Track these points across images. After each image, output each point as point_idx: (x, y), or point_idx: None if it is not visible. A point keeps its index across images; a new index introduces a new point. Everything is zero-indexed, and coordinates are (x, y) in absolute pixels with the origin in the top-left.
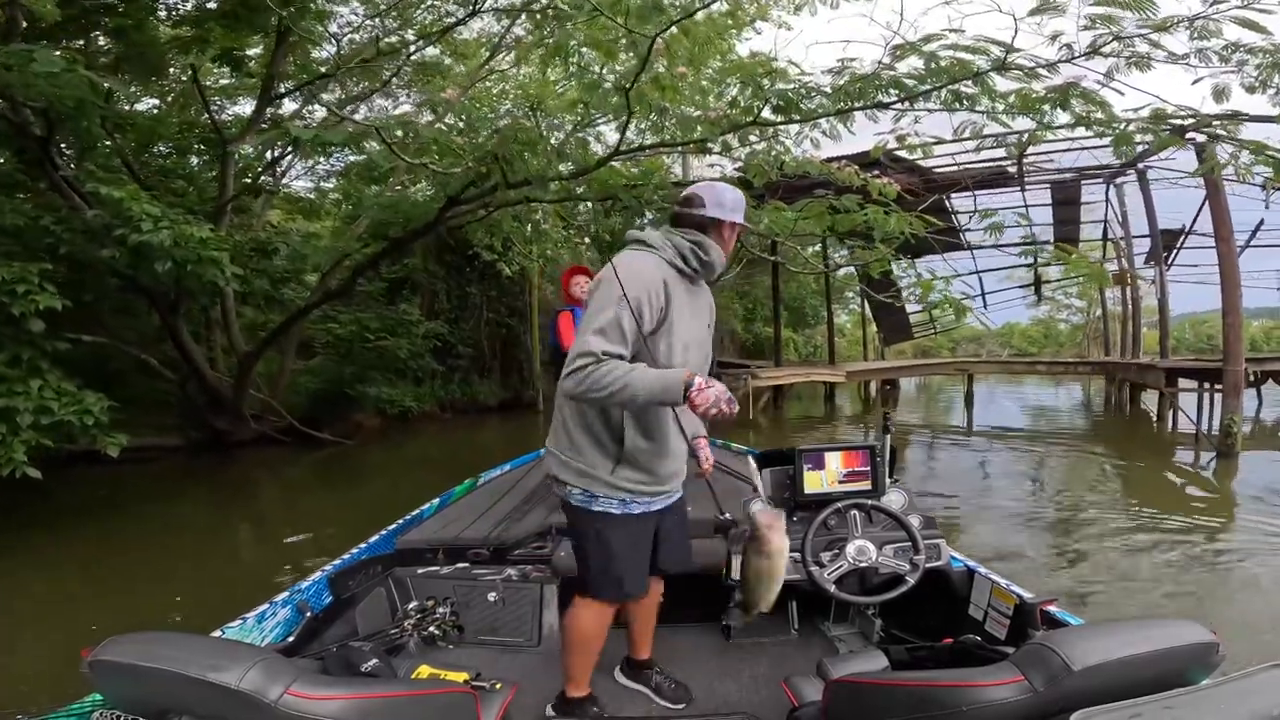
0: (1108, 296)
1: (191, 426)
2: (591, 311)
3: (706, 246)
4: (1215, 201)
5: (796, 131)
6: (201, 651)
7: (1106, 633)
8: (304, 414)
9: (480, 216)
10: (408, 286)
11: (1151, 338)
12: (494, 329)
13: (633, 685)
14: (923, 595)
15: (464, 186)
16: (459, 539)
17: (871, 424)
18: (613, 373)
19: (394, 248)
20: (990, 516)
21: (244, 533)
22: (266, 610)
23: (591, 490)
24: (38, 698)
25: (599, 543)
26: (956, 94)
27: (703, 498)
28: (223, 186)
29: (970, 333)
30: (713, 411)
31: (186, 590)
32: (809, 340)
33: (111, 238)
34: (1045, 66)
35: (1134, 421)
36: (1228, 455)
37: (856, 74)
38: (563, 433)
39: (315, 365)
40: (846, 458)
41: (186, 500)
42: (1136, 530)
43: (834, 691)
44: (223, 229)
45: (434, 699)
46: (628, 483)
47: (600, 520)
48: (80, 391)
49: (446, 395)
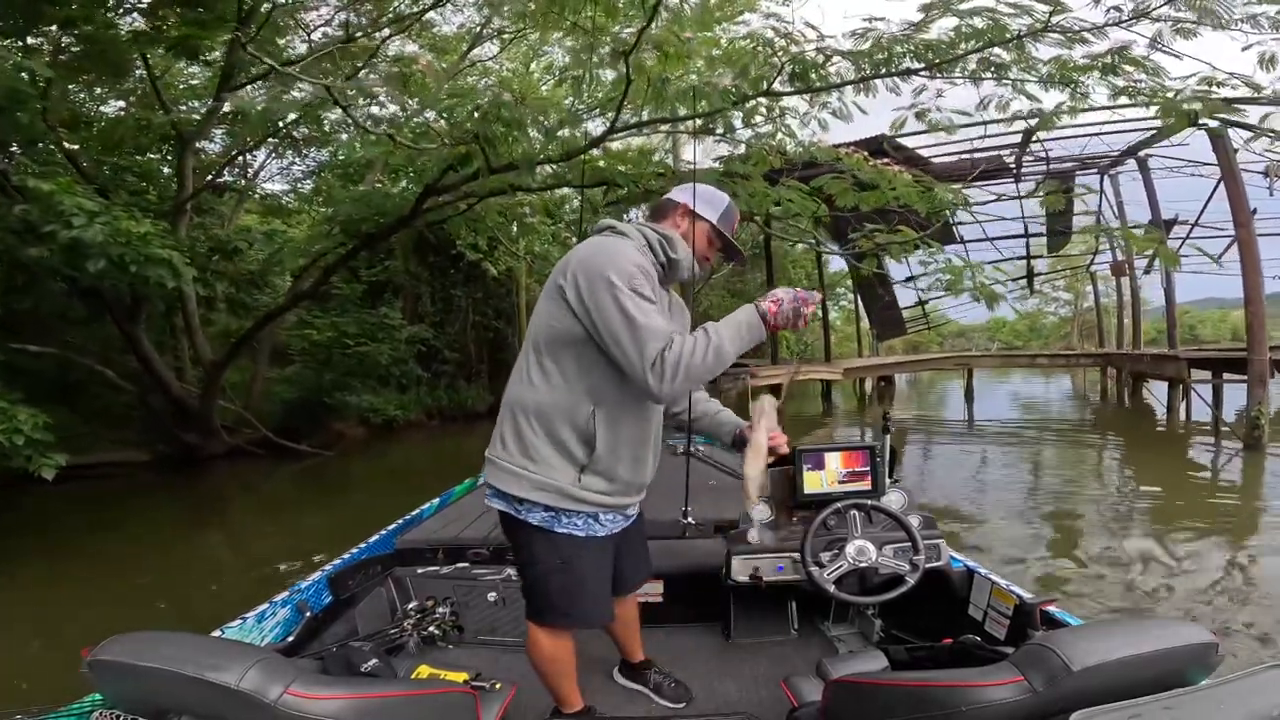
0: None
1: (159, 440)
2: (623, 316)
3: (674, 243)
4: (1233, 187)
5: (805, 112)
6: (201, 651)
7: (1106, 633)
8: (280, 425)
9: (462, 210)
10: (389, 290)
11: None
12: (480, 332)
13: (632, 686)
14: (922, 595)
15: (442, 171)
16: (459, 539)
17: (869, 421)
18: (697, 345)
19: (367, 244)
20: (1013, 518)
21: (210, 552)
22: (266, 610)
23: (555, 507)
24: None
25: (564, 572)
26: (987, 62)
27: (703, 498)
28: (181, 183)
29: (956, 328)
30: (799, 321)
31: (138, 620)
32: (800, 337)
33: (41, 235)
34: (1092, 30)
35: (1138, 414)
36: (1255, 448)
37: (882, 37)
38: (513, 441)
39: (292, 373)
40: (846, 458)
41: (144, 520)
42: (1168, 528)
43: (834, 691)
44: (182, 229)
45: (434, 699)
46: (593, 494)
47: (566, 546)
48: (12, 407)
49: (433, 402)
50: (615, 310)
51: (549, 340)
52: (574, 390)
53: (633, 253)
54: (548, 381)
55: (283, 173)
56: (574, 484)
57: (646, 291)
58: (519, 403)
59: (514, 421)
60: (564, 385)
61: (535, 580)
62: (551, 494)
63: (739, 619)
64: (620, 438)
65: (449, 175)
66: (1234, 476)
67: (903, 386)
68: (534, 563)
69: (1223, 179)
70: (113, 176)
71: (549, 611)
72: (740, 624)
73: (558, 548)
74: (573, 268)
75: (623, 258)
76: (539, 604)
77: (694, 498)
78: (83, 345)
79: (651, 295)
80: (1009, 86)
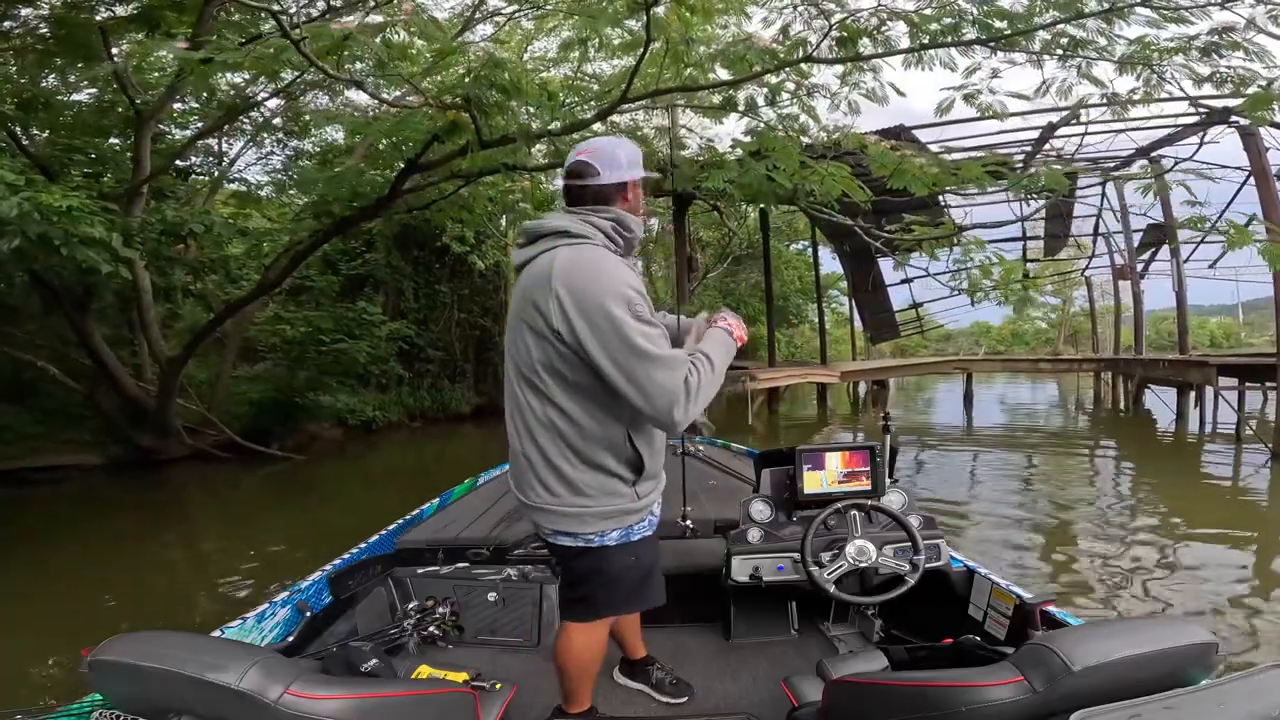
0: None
1: (113, 442)
2: (631, 348)
3: (624, 220)
4: (1265, 188)
5: (835, 91)
6: (201, 651)
7: (1106, 633)
8: (248, 426)
9: (448, 193)
10: (370, 284)
11: (1125, 334)
12: (466, 330)
13: (632, 684)
14: (922, 595)
15: (426, 143)
16: (459, 539)
17: (863, 425)
18: (703, 371)
19: (340, 229)
20: (1027, 528)
21: (156, 567)
22: (266, 610)
23: (625, 525)
24: None
25: (635, 568)
26: (1057, 40)
27: (703, 498)
28: (138, 165)
29: (943, 332)
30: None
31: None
32: (790, 340)
33: None
34: (1194, 8)
35: (1142, 421)
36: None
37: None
38: (560, 485)
39: (261, 371)
40: (846, 458)
41: (81, 529)
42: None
43: (833, 691)
44: (137, 212)
45: (434, 699)
46: (648, 495)
47: (636, 548)
48: None
49: (415, 403)
50: (620, 343)
51: (554, 373)
52: (604, 422)
53: (620, 270)
54: (571, 421)
55: (260, 162)
56: (633, 500)
57: (647, 313)
58: (550, 448)
59: (551, 468)
60: (590, 420)
61: (606, 585)
62: (618, 517)
63: (739, 619)
64: (654, 445)
65: (433, 148)
66: (1259, 484)
67: (892, 390)
68: (605, 571)
69: (1254, 179)
70: (60, 155)
71: (611, 605)
72: (740, 624)
73: (629, 553)
74: (559, 301)
75: (615, 280)
76: (603, 600)
77: (693, 498)
78: (30, 340)
79: (651, 315)
80: (1074, 70)
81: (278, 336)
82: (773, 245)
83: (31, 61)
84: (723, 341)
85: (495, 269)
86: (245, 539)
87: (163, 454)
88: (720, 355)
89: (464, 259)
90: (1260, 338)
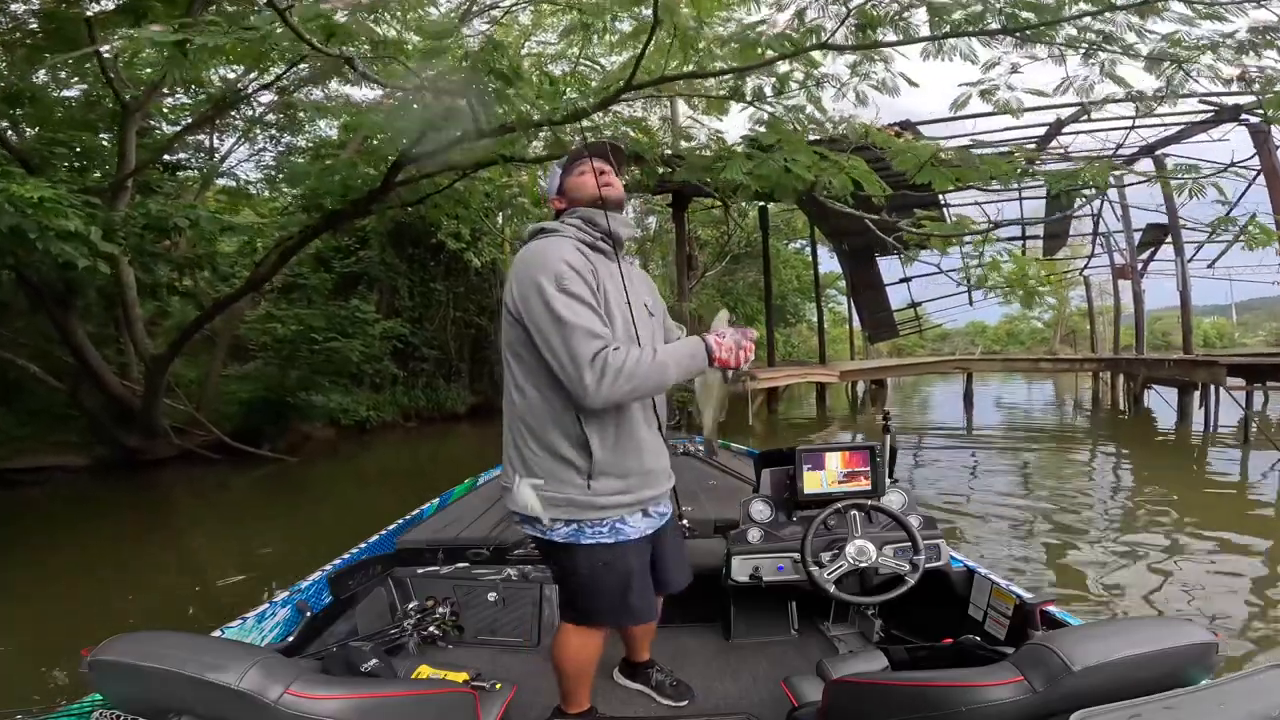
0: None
1: (99, 443)
2: (552, 317)
3: (589, 216)
4: (1276, 186)
5: (844, 83)
6: (201, 651)
7: (1106, 633)
8: (238, 427)
9: (443, 187)
10: (364, 282)
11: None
12: (462, 328)
13: (633, 685)
14: (922, 596)
15: (419, 133)
16: (459, 539)
17: (863, 425)
18: (643, 357)
19: (330, 223)
20: (1043, 532)
21: (139, 573)
22: (266, 610)
23: (576, 519)
24: None
25: (612, 575)
26: (1083, 35)
27: (703, 498)
28: (122, 158)
29: (940, 332)
30: (740, 354)
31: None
32: (788, 339)
33: None
34: (1233, 4)
35: (1143, 421)
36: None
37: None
38: (518, 461)
39: (252, 370)
40: (846, 458)
41: (86, 531)
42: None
43: (833, 691)
44: (122, 207)
45: (434, 699)
46: (607, 497)
47: (601, 553)
48: None
49: (409, 402)
50: (544, 312)
51: (515, 355)
52: (553, 399)
53: (564, 249)
54: (526, 396)
55: (253, 159)
56: (584, 492)
57: (577, 288)
58: (512, 422)
59: (514, 442)
60: (541, 396)
61: (577, 590)
62: (564, 508)
63: (739, 619)
64: (615, 431)
65: (427, 137)
66: (1266, 485)
67: (890, 390)
68: (573, 573)
69: (1264, 176)
70: (42, 149)
71: (595, 614)
72: (740, 624)
73: (593, 555)
74: (511, 282)
75: (550, 257)
76: (582, 607)
77: (694, 498)
78: (14, 339)
79: (584, 292)
80: (1097, 67)
81: (269, 335)
82: (771, 244)
83: (21, 57)
84: (690, 346)
85: (491, 266)
86: (240, 539)
87: (150, 455)
88: (675, 356)
89: (459, 256)
90: (1254, 337)
